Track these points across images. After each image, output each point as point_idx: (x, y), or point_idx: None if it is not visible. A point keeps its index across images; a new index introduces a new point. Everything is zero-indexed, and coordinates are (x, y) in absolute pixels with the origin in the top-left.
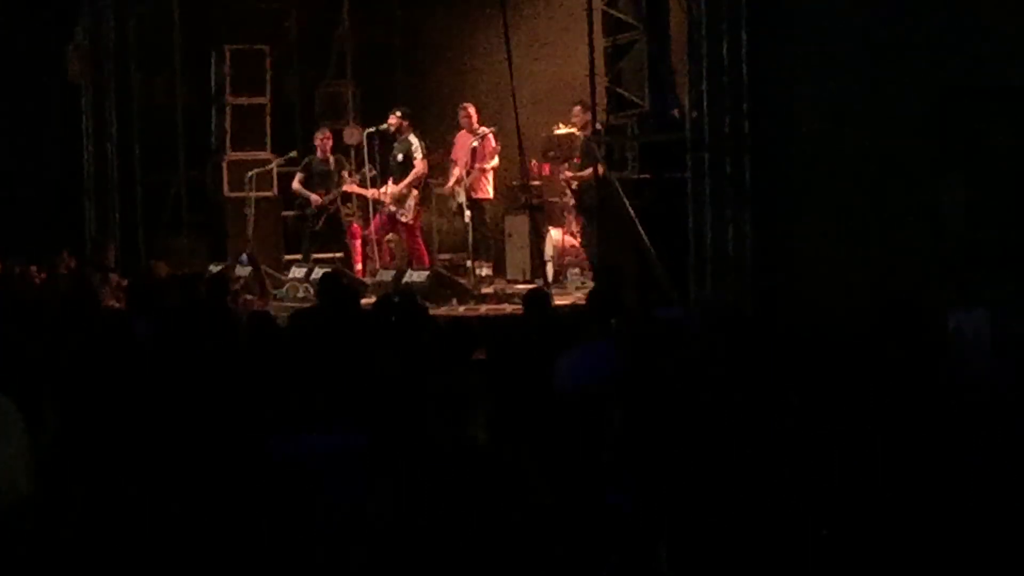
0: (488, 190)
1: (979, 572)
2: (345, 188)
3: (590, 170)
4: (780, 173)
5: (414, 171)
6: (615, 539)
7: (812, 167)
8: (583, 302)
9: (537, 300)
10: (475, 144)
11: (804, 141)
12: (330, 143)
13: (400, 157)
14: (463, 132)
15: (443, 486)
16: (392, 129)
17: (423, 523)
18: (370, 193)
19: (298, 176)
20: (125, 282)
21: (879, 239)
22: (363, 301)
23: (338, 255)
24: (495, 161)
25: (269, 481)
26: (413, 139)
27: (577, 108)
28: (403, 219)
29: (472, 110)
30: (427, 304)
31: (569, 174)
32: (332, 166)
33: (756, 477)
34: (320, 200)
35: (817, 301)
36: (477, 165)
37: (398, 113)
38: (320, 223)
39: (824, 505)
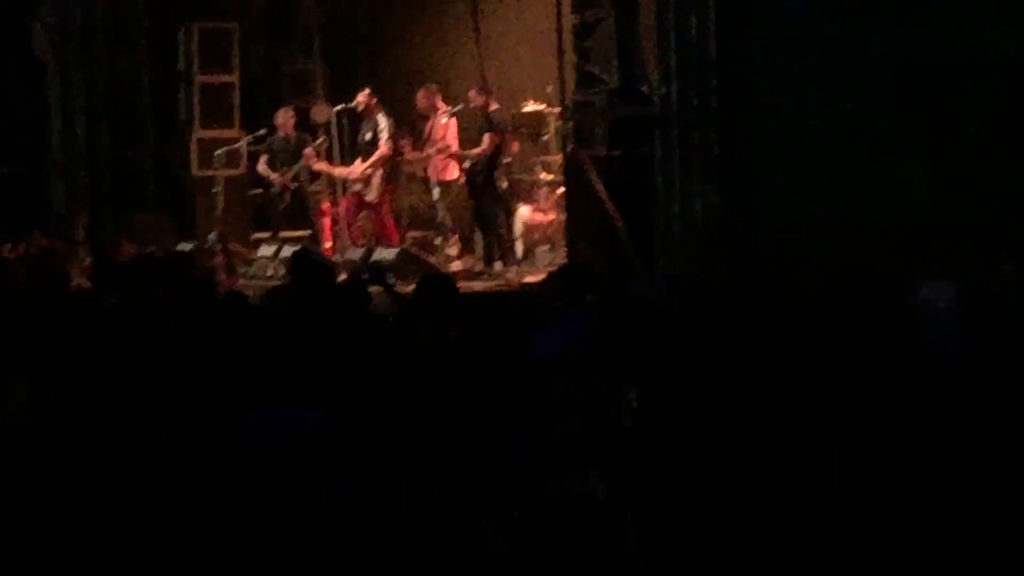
0: (454, 171)
1: (956, 549)
2: (314, 166)
3: (481, 148)
4: (748, 148)
5: (378, 151)
6: (586, 516)
7: (780, 142)
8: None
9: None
10: (443, 122)
11: (772, 116)
12: (293, 121)
13: (368, 136)
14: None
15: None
16: (360, 108)
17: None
18: (337, 172)
19: (263, 158)
20: (88, 259)
21: (846, 212)
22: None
23: (306, 233)
24: (442, 145)
25: (239, 457)
26: (381, 119)
27: (472, 92)
28: (368, 198)
29: (436, 92)
30: (396, 281)
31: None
32: (294, 144)
33: (722, 450)
34: (282, 180)
35: (785, 274)
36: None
37: (367, 91)
38: (286, 202)
39: (791, 480)
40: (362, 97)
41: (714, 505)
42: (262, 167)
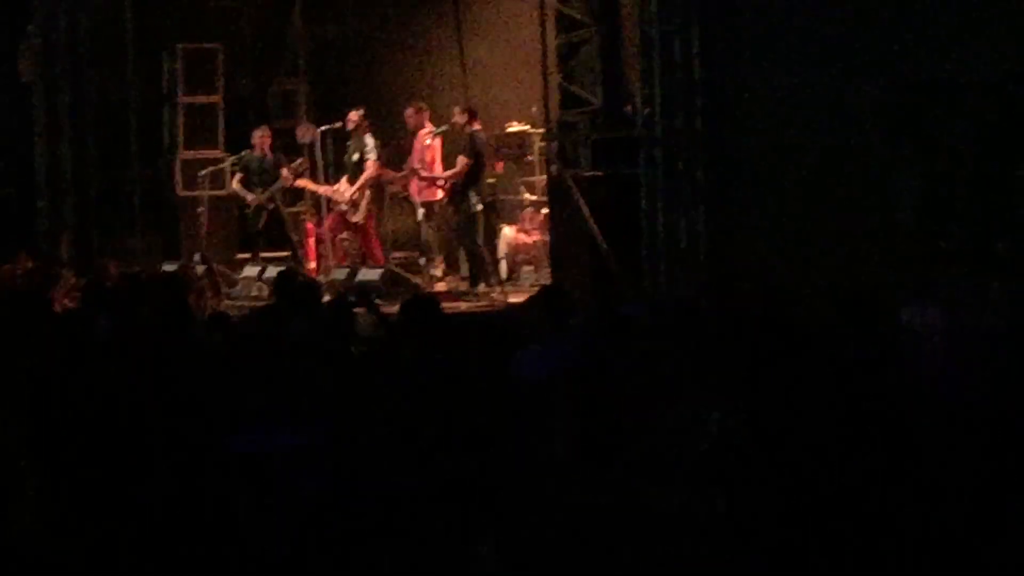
0: (438, 192)
1: (928, 559)
2: (299, 183)
3: (455, 170)
4: (733, 168)
5: (365, 173)
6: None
7: (764, 162)
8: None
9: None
10: (428, 142)
11: (756, 136)
12: (269, 141)
13: (356, 156)
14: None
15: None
16: (350, 127)
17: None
18: (322, 190)
19: (237, 176)
20: (74, 280)
21: (832, 233)
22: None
23: (285, 253)
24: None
25: (227, 477)
26: (369, 139)
27: (456, 113)
28: (353, 219)
29: (425, 110)
30: (380, 303)
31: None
32: (270, 164)
33: (710, 467)
34: (257, 199)
35: (771, 293)
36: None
37: (361, 111)
38: (261, 222)
39: (778, 498)
40: (354, 116)
41: (705, 519)
42: (236, 186)
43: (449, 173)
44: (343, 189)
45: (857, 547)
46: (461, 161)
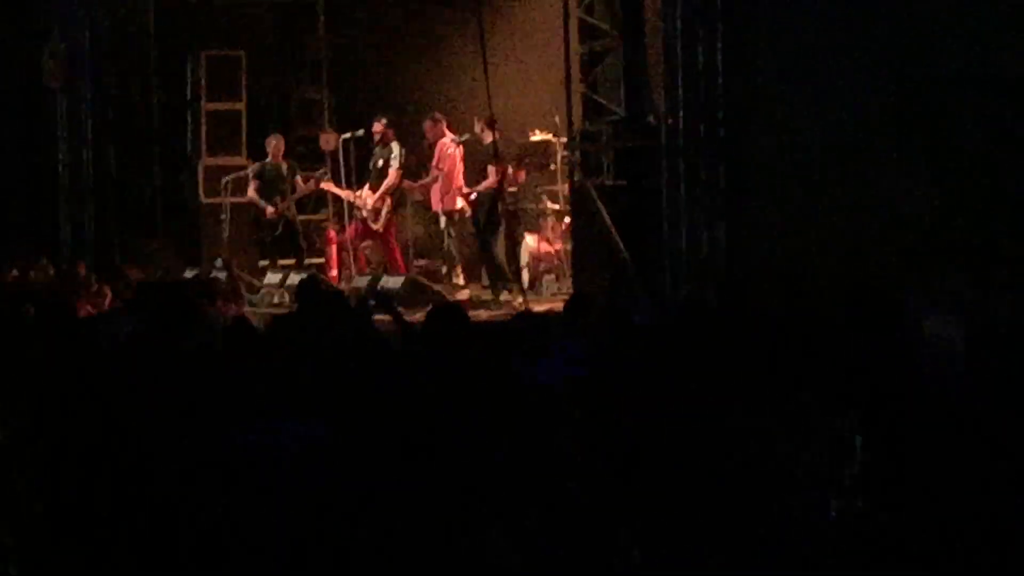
0: (459, 201)
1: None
2: (322, 185)
3: (488, 181)
4: (755, 179)
5: (387, 180)
6: (579, 532)
7: (786, 173)
8: (559, 308)
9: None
10: (450, 151)
11: (778, 147)
12: (282, 148)
13: (380, 163)
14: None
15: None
16: (376, 137)
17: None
18: (344, 194)
19: (253, 184)
20: (96, 286)
21: (853, 243)
22: None
23: (315, 261)
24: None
25: (234, 470)
26: (395, 147)
27: (477, 122)
28: (375, 227)
29: (442, 120)
30: (402, 310)
31: (466, 189)
32: (285, 171)
33: (725, 475)
34: (274, 211)
35: (791, 304)
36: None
37: (384, 120)
38: (279, 230)
39: (792, 501)
40: (379, 126)
41: (715, 525)
42: (252, 194)
43: (485, 184)
44: (365, 196)
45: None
46: (492, 171)
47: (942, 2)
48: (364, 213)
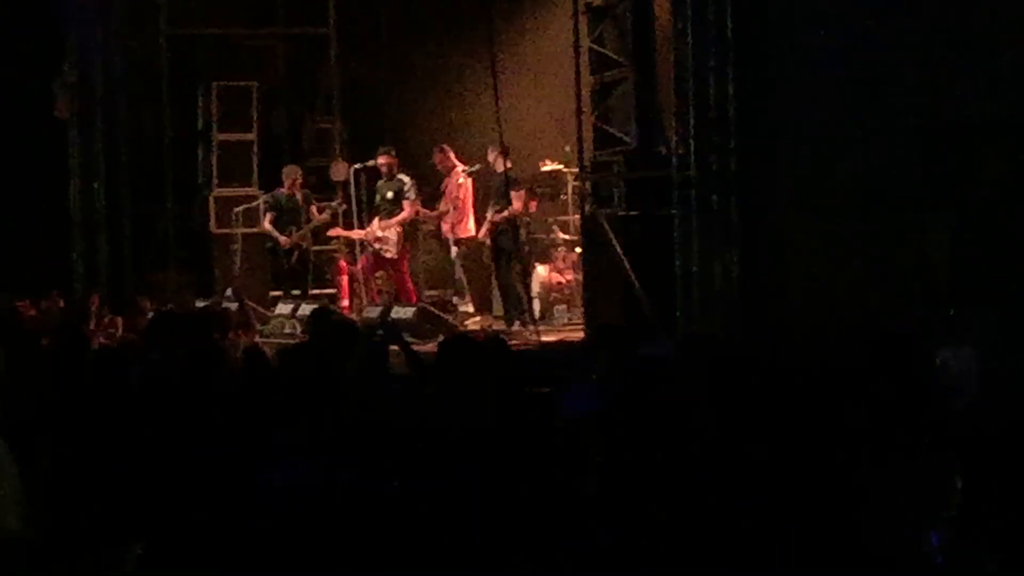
0: (470, 228)
1: None
2: (331, 232)
3: (514, 207)
4: (767, 210)
5: (403, 212)
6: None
7: (798, 204)
8: (571, 338)
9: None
10: (461, 181)
11: (791, 178)
12: (300, 180)
13: (390, 195)
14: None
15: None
16: (382, 169)
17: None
18: (354, 235)
19: (268, 216)
20: (109, 319)
21: (866, 276)
22: None
23: (327, 291)
24: (449, 206)
25: (258, 510)
26: (405, 178)
27: (490, 152)
28: (387, 255)
29: (449, 151)
30: (414, 340)
31: (489, 216)
32: (300, 202)
33: (739, 511)
34: (288, 241)
35: (804, 337)
36: (443, 208)
37: (391, 152)
38: (292, 260)
39: (809, 540)
40: (384, 159)
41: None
42: (267, 225)
43: (510, 211)
44: (375, 230)
45: None
46: (517, 197)
47: (967, 43)
48: (376, 245)
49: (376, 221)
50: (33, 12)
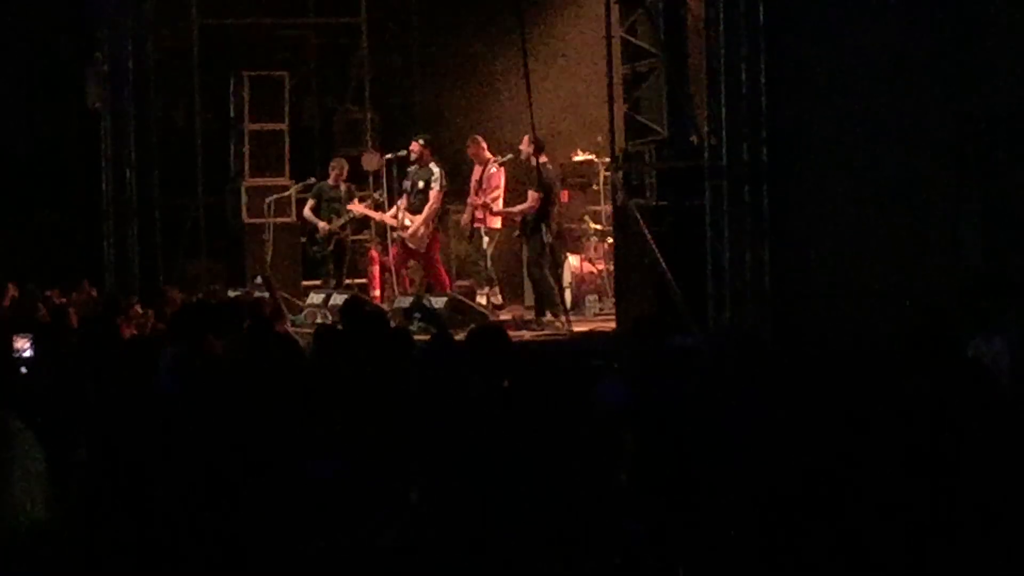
0: (497, 220)
1: None
2: (358, 209)
3: (524, 204)
4: (798, 200)
5: (429, 204)
6: (631, 564)
7: (830, 194)
8: (602, 328)
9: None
10: (493, 170)
11: (822, 168)
12: (345, 172)
13: (420, 184)
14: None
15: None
16: (413, 157)
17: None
18: (378, 216)
19: (309, 203)
20: (141, 309)
21: (896, 268)
22: None
23: (359, 281)
24: (495, 194)
25: (294, 504)
26: (435, 168)
27: (523, 144)
28: (414, 247)
29: (482, 142)
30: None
31: (499, 209)
32: (343, 193)
33: (771, 504)
34: (327, 227)
35: (834, 328)
36: (482, 198)
37: (421, 141)
38: (329, 248)
39: (841, 533)
40: (416, 146)
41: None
42: (307, 212)
43: (520, 208)
44: (402, 218)
45: None
46: (532, 195)
47: (999, 37)
48: (405, 235)
49: (403, 211)
50: (65, 2)
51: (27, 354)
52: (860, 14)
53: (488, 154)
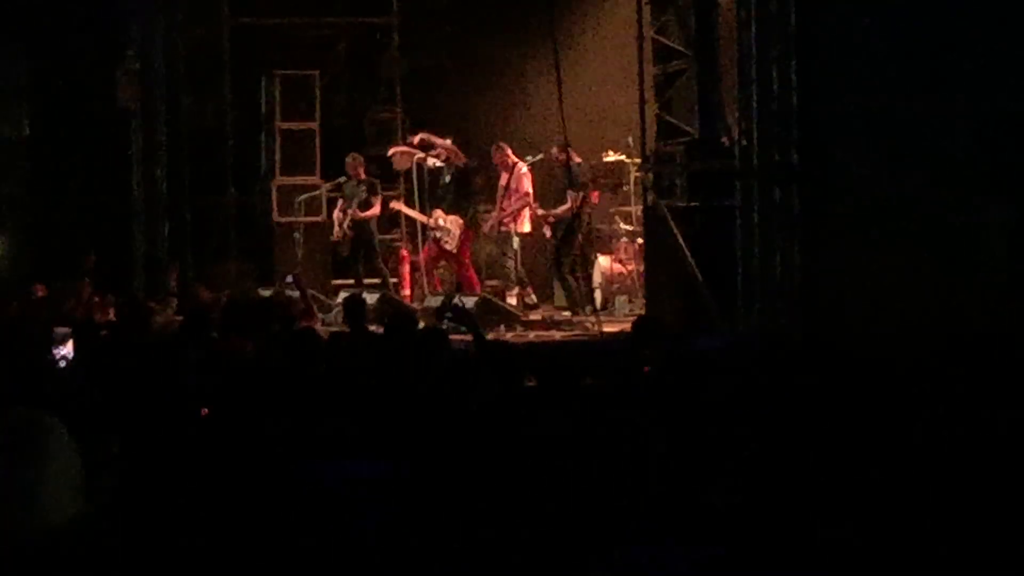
0: (525, 224)
1: None
2: (393, 206)
3: (565, 206)
4: (829, 201)
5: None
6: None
7: (860, 195)
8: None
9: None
10: (524, 170)
11: (853, 169)
12: (363, 167)
13: (447, 179)
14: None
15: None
16: (442, 156)
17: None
18: (414, 214)
19: (339, 203)
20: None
21: (926, 268)
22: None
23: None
24: (524, 201)
25: (304, 506)
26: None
27: (554, 146)
28: (446, 246)
29: (506, 148)
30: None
31: (540, 212)
32: (365, 190)
33: (798, 510)
34: (339, 232)
35: (865, 329)
36: (510, 208)
37: (448, 140)
38: (347, 248)
39: (871, 542)
40: (445, 145)
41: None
42: (337, 213)
43: (562, 209)
44: (437, 217)
45: None
46: (572, 196)
47: None
48: (438, 234)
49: (438, 211)
50: (96, 1)
51: (66, 351)
52: (891, 15)
53: (513, 159)
